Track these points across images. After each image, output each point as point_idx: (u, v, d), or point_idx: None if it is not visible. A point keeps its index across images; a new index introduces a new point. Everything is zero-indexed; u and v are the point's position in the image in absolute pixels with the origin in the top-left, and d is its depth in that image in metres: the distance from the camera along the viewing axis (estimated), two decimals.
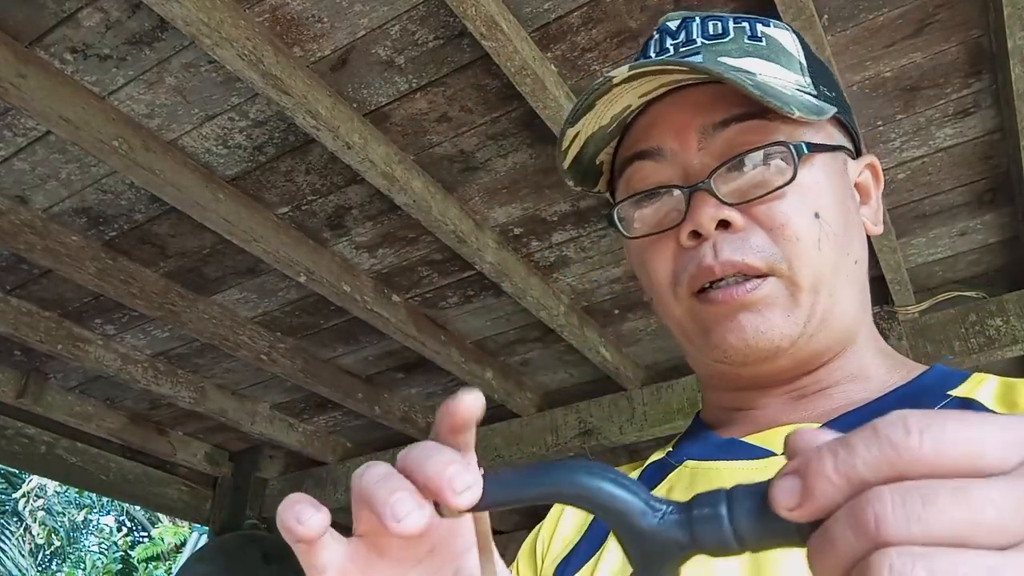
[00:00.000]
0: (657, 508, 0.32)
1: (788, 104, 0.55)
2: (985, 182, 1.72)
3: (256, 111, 1.52)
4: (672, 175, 0.59)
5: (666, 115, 0.61)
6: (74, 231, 1.83)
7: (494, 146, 1.61)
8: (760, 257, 0.55)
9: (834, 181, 0.59)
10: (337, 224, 1.84)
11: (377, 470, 0.35)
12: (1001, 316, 2.00)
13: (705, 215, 0.55)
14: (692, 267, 0.56)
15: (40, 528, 14.37)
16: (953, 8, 1.32)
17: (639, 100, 0.61)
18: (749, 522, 0.29)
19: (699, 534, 0.30)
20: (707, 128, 0.58)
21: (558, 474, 0.32)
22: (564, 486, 0.32)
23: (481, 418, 0.35)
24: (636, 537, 0.32)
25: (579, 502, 0.32)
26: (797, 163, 0.56)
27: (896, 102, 1.51)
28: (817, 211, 0.57)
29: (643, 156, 0.61)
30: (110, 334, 2.28)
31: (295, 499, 0.35)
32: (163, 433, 2.89)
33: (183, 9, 1.18)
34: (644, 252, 0.61)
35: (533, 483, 0.33)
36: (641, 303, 2.16)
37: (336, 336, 2.32)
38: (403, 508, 0.32)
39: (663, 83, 0.60)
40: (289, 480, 3.10)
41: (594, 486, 0.32)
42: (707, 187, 0.56)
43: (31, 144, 1.58)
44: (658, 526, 0.31)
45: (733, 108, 0.58)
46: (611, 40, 1.37)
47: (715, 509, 0.30)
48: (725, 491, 0.30)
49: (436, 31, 1.35)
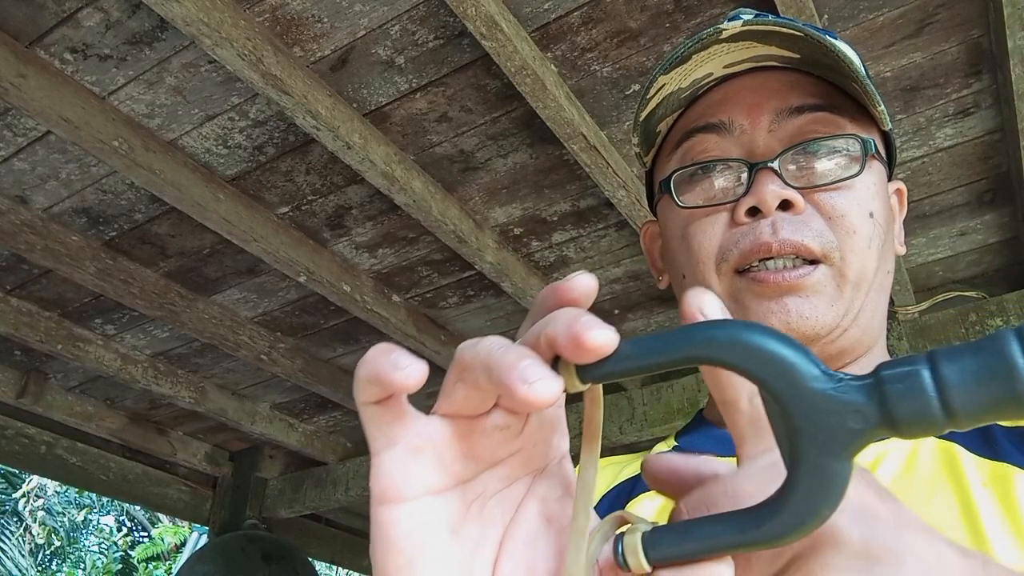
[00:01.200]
0: (834, 373, 0.25)
1: (874, 98, 0.57)
2: (985, 182, 1.72)
3: (256, 111, 1.52)
4: (736, 151, 0.60)
5: (741, 93, 0.61)
6: (74, 231, 1.83)
7: (494, 146, 1.61)
8: (818, 241, 0.55)
9: (884, 191, 0.61)
10: (337, 224, 1.84)
11: (495, 339, 0.30)
12: (1001, 316, 2.00)
13: (768, 192, 0.55)
14: (746, 243, 0.56)
15: (40, 528, 14.37)
16: (953, 8, 1.32)
17: (722, 71, 0.62)
18: (964, 384, 0.23)
19: (892, 401, 0.24)
20: (781, 112, 0.59)
21: (705, 331, 0.27)
22: (717, 341, 0.26)
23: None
24: (802, 406, 0.25)
25: (734, 359, 0.26)
26: (865, 160, 0.57)
27: (896, 102, 1.51)
28: (872, 211, 0.58)
29: (708, 129, 0.61)
30: (110, 334, 2.28)
31: (387, 346, 0.30)
32: (163, 433, 2.89)
33: (183, 9, 1.18)
34: (691, 224, 0.61)
35: (675, 343, 0.27)
36: (641, 303, 2.16)
37: (336, 336, 2.32)
38: (536, 372, 0.27)
39: (752, 56, 0.60)
40: (289, 480, 3.10)
41: (754, 340, 0.26)
42: (773, 166, 0.57)
43: (31, 144, 1.58)
44: (835, 391, 0.25)
45: (809, 97, 0.59)
46: (611, 40, 1.37)
47: (915, 368, 0.24)
48: (925, 353, 0.25)
49: (436, 31, 1.35)
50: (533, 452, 0.34)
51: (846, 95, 0.61)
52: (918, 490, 0.49)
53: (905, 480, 0.50)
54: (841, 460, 0.25)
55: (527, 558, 0.32)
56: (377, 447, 0.31)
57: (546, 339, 0.29)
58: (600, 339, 0.27)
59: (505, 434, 0.32)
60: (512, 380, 0.27)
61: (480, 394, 0.30)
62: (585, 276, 0.31)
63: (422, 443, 0.31)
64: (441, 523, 0.31)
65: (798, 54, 0.59)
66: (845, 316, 0.56)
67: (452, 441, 0.32)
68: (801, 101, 0.59)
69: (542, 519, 0.33)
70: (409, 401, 0.31)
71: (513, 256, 1.93)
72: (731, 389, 0.31)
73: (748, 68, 0.61)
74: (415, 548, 0.30)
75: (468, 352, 0.30)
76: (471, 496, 0.33)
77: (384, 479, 0.31)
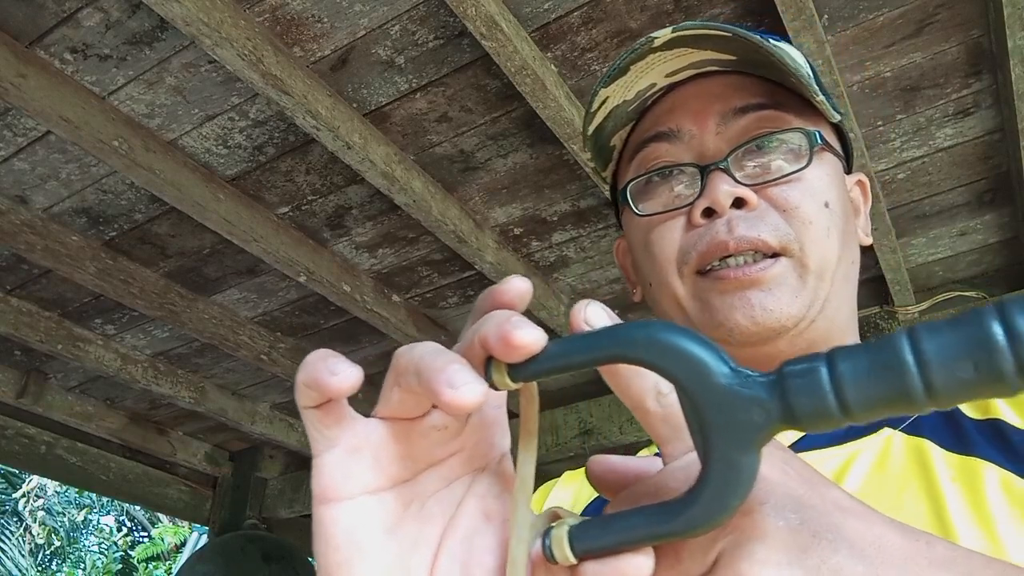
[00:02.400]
0: (740, 370, 0.27)
1: (812, 90, 0.58)
2: (985, 182, 1.72)
3: (256, 111, 1.52)
4: (687, 156, 0.61)
5: (686, 100, 0.63)
6: (74, 231, 1.83)
7: (494, 146, 1.61)
8: (774, 235, 0.56)
9: (839, 183, 0.62)
10: (337, 224, 1.84)
11: (428, 345, 0.31)
12: None
13: (721, 192, 0.56)
14: (703, 244, 0.57)
15: (40, 528, 14.37)
16: (953, 8, 1.32)
17: (665, 80, 0.63)
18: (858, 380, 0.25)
19: (792, 396, 0.25)
20: (726, 114, 0.60)
21: (625, 332, 0.28)
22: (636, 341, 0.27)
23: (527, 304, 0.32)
24: (710, 401, 0.26)
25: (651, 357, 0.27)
26: (812, 152, 0.58)
27: (896, 102, 1.51)
28: (827, 200, 0.58)
29: (659, 138, 0.62)
30: (110, 334, 2.28)
31: (324, 352, 0.31)
32: (163, 433, 2.89)
33: (183, 9, 1.18)
34: (651, 231, 0.62)
35: (599, 343, 0.29)
36: (641, 303, 2.16)
37: (336, 336, 2.32)
38: (461, 377, 0.28)
39: (692, 62, 0.61)
40: (289, 480, 3.10)
41: (668, 339, 0.27)
42: (723, 167, 0.58)
43: (31, 144, 1.58)
44: (740, 387, 0.26)
45: (751, 97, 0.60)
46: (611, 40, 1.37)
47: (814, 365, 0.26)
48: (826, 351, 0.26)
49: (436, 31, 1.35)
50: (473, 451, 0.35)
51: (792, 92, 0.62)
52: (889, 487, 0.50)
53: (877, 478, 0.51)
54: (748, 453, 0.26)
55: (464, 554, 0.33)
56: (318, 449, 0.32)
57: (479, 340, 0.30)
58: (527, 338, 0.28)
59: (443, 434, 0.33)
60: (438, 384, 0.28)
61: (414, 398, 0.31)
62: (519, 279, 0.32)
63: (360, 445, 0.32)
64: (378, 522, 0.32)
65: (734, 55, 0.60)
66: (811, 307, 0.57)
67: (390, 442, 0.33)
68: (744, 102, 0.60)
69: (481, 516, 0.34)
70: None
71: (513, 256, 1.93)
72: (634, 392, 0.31)
73: (691, 75, 0.63)
74: (353, 546, 0.31)
75: (403, 357, 0.31)
76: (410, 496, 0.34)
77: (324, 479, 0.32)
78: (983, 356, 0.23)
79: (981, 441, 0.50)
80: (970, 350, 0.24)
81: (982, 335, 0.24)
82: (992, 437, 0.50)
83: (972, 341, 0.24)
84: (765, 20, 1.32)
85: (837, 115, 0.62)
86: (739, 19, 1.33)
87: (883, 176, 1.69)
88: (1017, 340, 0.23)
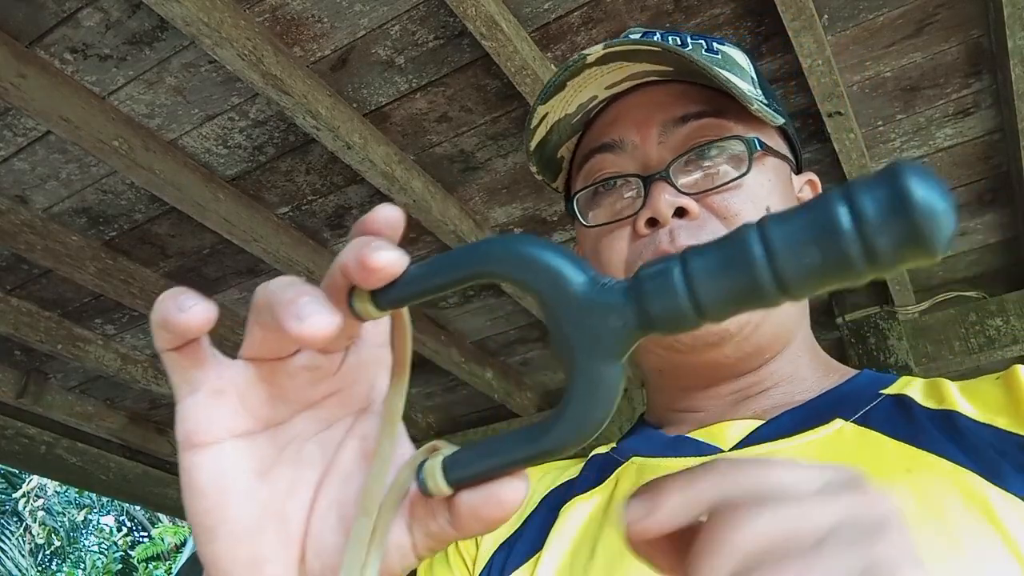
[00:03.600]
0: (599, 278, 0.26)
1: (747, 98, 0.59)
2: (985, 182, 1.72)
3: (256, 111, 1.52)
4: (631, 167, 0.62)
5: (629, 111, 0.64)
6: (74, 231, 1.83)
7: (494, 146, 1.61)
8: None
9: (782, 185, 0.62)
10: (337, 224, 1.84)
11: (282, 279, 0.30)
12: (1001, 316, 2.00)
13: (663, 202, 0.57)
14: (648, 254, 0.58)
15: (40, 528, 14.37)
16: (953, 8, 1.32)
17: (605, 92, 0.64)
18: (709, 278, 0.24)
19: (647, 299, 0.25)
20: (667, 123, 0.61)
21: (484, 247, 0.28)
22: (495, 255, 0.27)
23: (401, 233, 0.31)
24: (569, 312, 0.26)
25: (511, 271, 0.27)
26: (752, 157, 0.59)
27: (896, 102, 1.51)
28: (768, 206, 0.59)
29: (604, 149, 0.63)
30: (110, 334, 2.28)
31: (177, 290, 0.30)
32: (163, 433, 2.89)
33: (183, 9, 1.18)
34: (599, 240, 0.63)
35: (459, 261, 0.28)
36: None
37: None
38: (309, 308, 0.27)
39: (631, 74, 0.62)
40: None
41: (527, 251, 0.26)
42: (665, 176, 0.59)
43: (31, 144, 1.58)
44: (596, 295, 0.25)
45: (692, 106, 0.61)
46: (611, 40, 1.37)
47: (667, 266, 0.25)
48: (678, 253, 0.25)
49: (436, 31, 1.35)
50: (351, 392, 0.34)
51: (734, 98, 0.62)
52: None
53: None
54: (609, 363, 0.25)
55: (341, 496, 0.32)
56: (180, 394, 0.31)
57: (339, 269, 0.29)
58: (384, 259, 0.27)
59: (315, 375, 0.32)
60: (286, 317, 0.27)
61: (275, 336, 0.30)
62: (388, 207, 0.31)
63: (224, 386, 0.31)
64: (248, 466, 0.31)
65: (671, 67, 0.61)
66: (754, 311, 0.57)
67: (256, 384, 0.31)
68: (684, 110, 0.61)
69: (361, 457, 0.33)
70: (409, 402, 0.31)
71: None
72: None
73: (632, 85, 0.64)
74: (220, 492, 0.30)
75: (260, 294, 0.30)
76: (284, 439, 0.32)
77: (187, 424, 0.31)
78: (829, 241, 0.23)
79: (934, 432, 0.50)
80: (816, 236, 0.23)
81: (827, 220, 0.23)
82: (945, 429, 0.51)
83: (818, 227, 0.23)
84: (765, 20, 1.32)
85: (779, 119, 0.63)
86: (739, 19, 1.33)
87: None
88: (862, 222, 0.22)
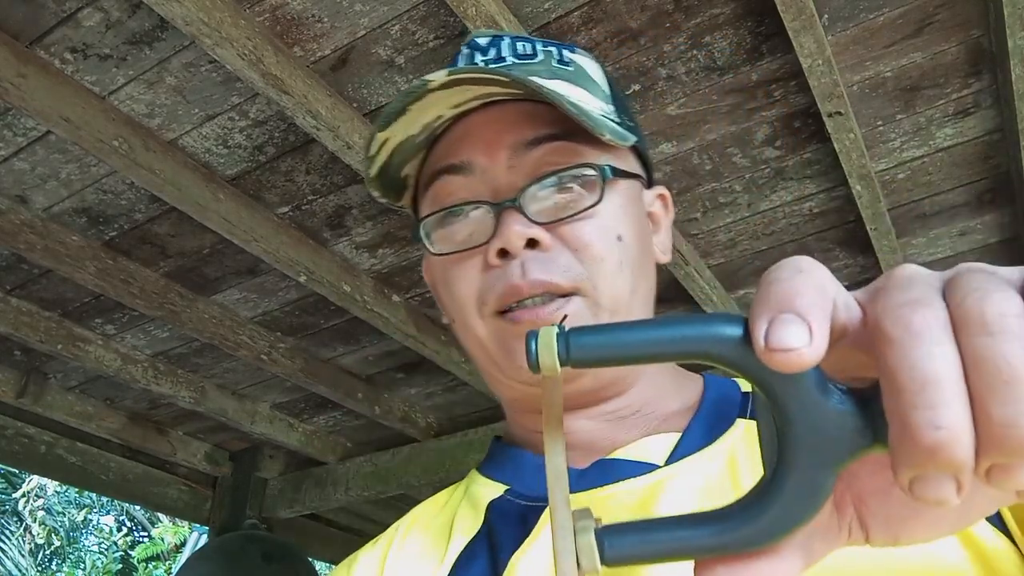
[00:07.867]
0: (834, 384, 0.25)
1: (599, 126, 0.56)
2: (985, 182, 1.72)
3: (256, 111, 1.52)
4: (480, 191, 0.58)
5: (477, 130, 0.60)
6: (74, 231, 1.83)
7: None
8: (566, 277, 0.55)
9: (633, 207, 0.61)
10: (337, 224, 1.84)
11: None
12: None
13: (514, 233, 0.55)
14: (500, 286, 0.56)
15: (40, 528, 14.37)
16: (953, 8, 1.32)
17: (452, 111, 0.60)
18: None
19: (880, 419, 0.23)
20: (518, 146, 0.58)
21: (715, 327, 0.25)
22: (723, 338, 0.25)
23: None
24: (800, 413, 0.24)
25: (746, 360, 0.25)
26: (604, 186, 0.57)
27: (896, 102, 1.51)
28: (620, 234, 0.58)
29: (451, 171, 0.60)
30: (110, 334, 2.28)
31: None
32: (163, 433, 2.89)
33: (183, 9, 1.18)
34: (449, 270, 0.60)
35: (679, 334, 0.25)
36: None
37: (336, 336, 2.32)
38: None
39: (478, 95, 0.59)
40: (289, 480, 3.10)
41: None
42: (516, 205, 0.56)
43: (31, 144, 1.58)
44: (837, 404, 0.24)
45: (543, 128, 0.58)
46: (611, 40, 1.37)
47: None
48: None
49: (436, 31, 1.35)
50: None
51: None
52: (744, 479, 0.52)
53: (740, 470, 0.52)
54: (829, 470, 0.25)
55: None
56: None
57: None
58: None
59: None
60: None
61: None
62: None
63: None
64: None
65: (519, 91, 0.57)
66: None
67: None
68: (535, 133, 0.58)
69: None
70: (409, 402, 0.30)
71: None
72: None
73: (479, 104, 0.60)
74: None
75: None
76: None
77: None
78: None
79: None
80: None
81: None
82: None
83: None
84: (765, 20, 1.32)
85: (632, 137, 0.61)
86: (739, 19, 1.33)
87: (883, 176, 1.69)
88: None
